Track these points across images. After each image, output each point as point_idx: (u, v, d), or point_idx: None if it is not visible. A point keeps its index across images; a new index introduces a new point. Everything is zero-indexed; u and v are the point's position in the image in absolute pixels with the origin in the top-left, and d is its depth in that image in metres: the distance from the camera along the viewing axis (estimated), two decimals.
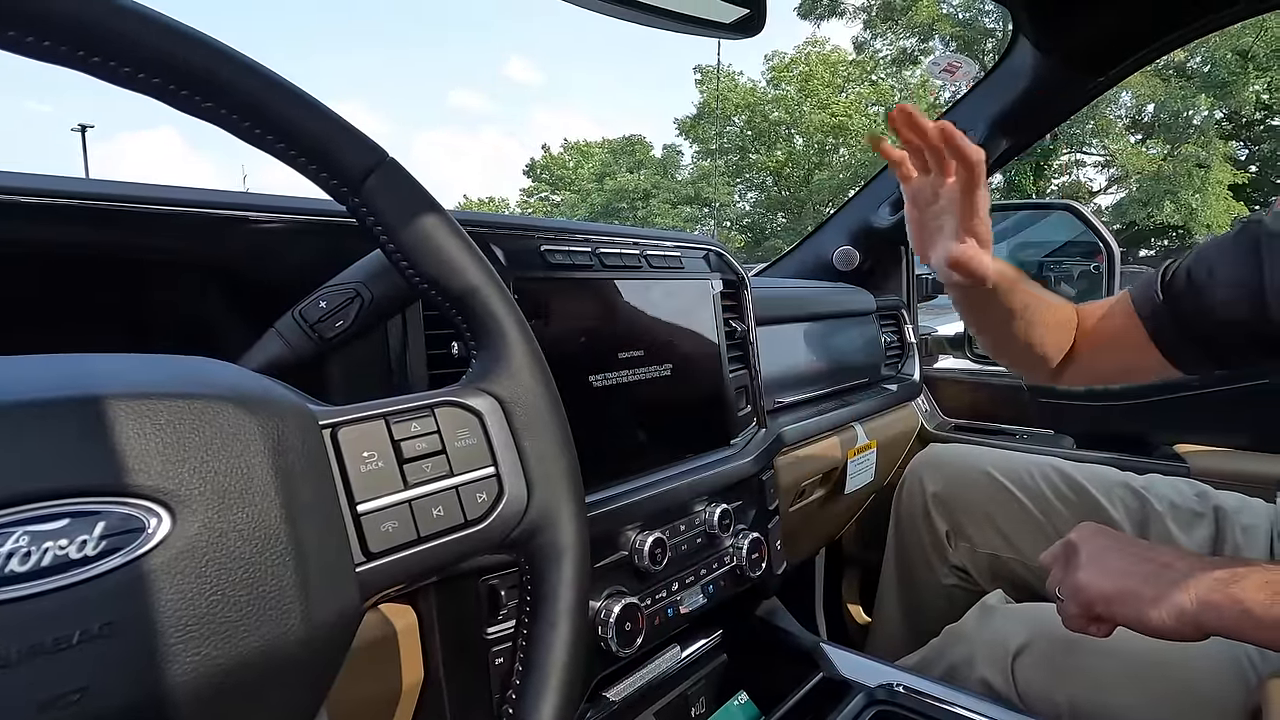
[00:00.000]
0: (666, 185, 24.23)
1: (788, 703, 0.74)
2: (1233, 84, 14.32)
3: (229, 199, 0.49)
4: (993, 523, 0.97)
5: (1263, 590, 0.48)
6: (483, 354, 0.37)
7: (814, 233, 1.49)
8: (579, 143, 28.76)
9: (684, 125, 23.15)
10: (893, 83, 20.16)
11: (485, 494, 0.34)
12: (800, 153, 21.09)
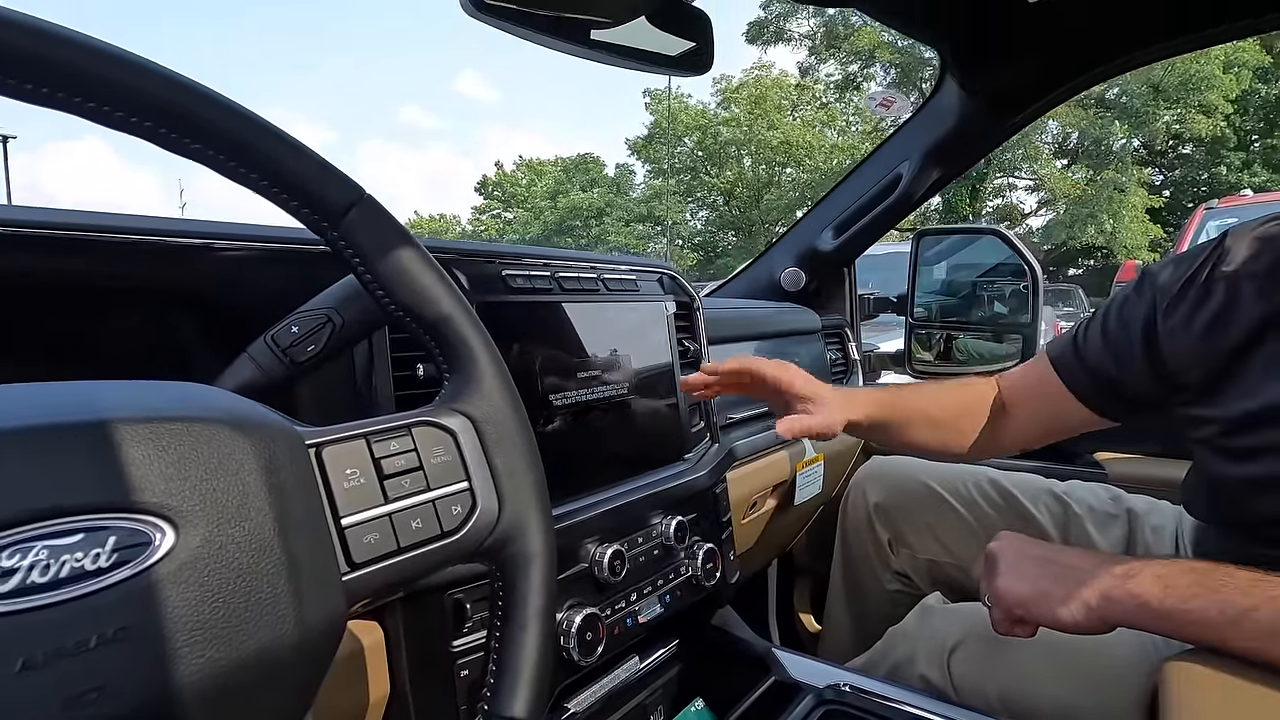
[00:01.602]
0: (620, 204, 24.44)
1: (741, 706, 0.78)
2: (1146, 114, 15.37)
3: (199, 228, 0.51)
4: (931, 530, 1.04)
5: (1155, 584, 0.54)
6: (455, 376, 0.40)
7: (763, 255, 1.56)
8: (532, 160, 28.78)
9: (636, 145, 23.45)
10: (840, 105, 20.90)
11: (460, 506, 0.37)
12: (750, 173, 21.59)
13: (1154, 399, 0.72)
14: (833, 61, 20.01)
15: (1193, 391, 0.68)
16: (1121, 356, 0.72)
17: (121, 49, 0.30)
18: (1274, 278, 0.62)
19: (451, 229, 31.09)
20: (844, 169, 1.41)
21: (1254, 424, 0.62)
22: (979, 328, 1.69)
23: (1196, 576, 0.53)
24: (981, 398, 0.84)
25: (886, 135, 1.36)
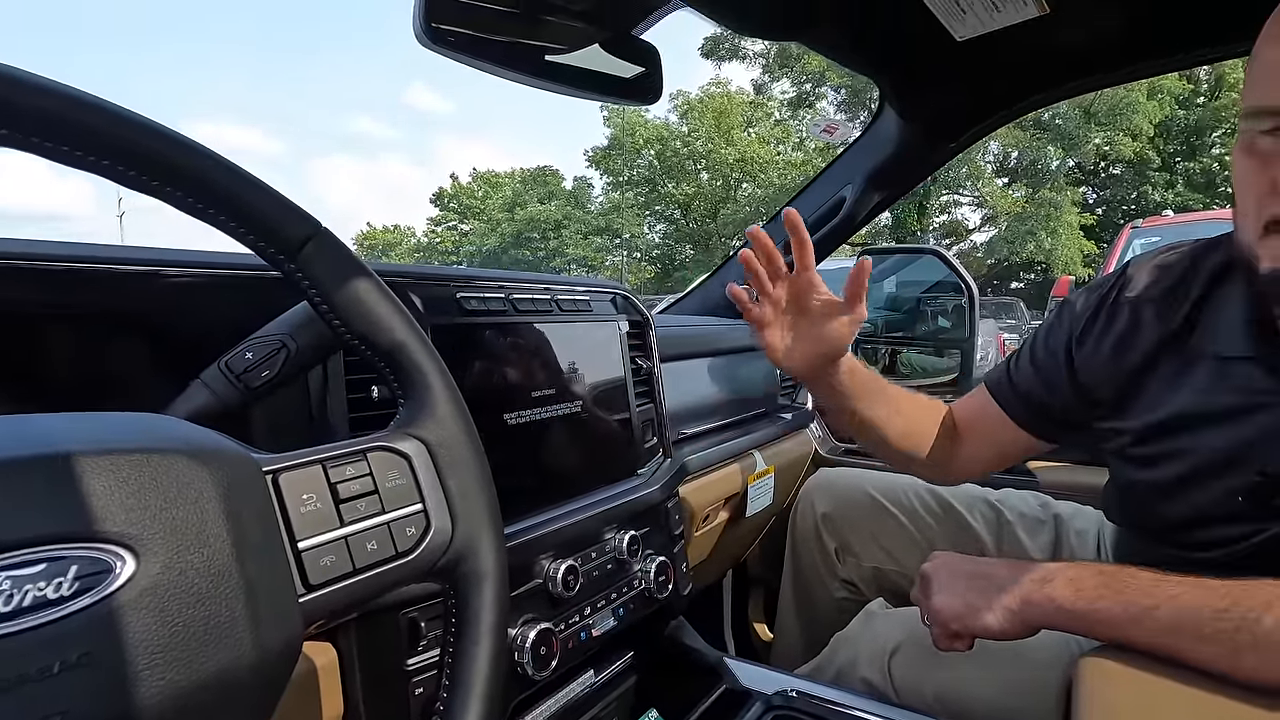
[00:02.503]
0: (578, 216, 24.48)
1: (692, 715, 0.80)
2: (1078, 137, 16.24)
3: (149, 255, 0.51)
4: (875, 539, 1.08)
5: (1068, 588, 0.58)
6: (409, 402, 0.41)
7: (716, 271, 1.60)
8: (488, 173, 28.63)
9: (595, 157, 23.56)
10: (794, 122, 21.42)
11: (414, 528, 0.38)
12: (707, 187, 21.91)
13: (1080, 418, 0.78)
14: (786, 80, 20.54)
15: (1105, 407, 0.74)
16: (1050, 381, 0.78)
17: (72, 87, 0.31)
18: (1168, 303, 0.68)
19: (406, 241, 30.64)
20: (798, 185, 1.48)
21: (1157, 434, 0.68)
22: (922, 342, 1.76)
23: (1104, 579, 0.58)
24: (938, 416, 0.89)
25: (833, 157, 1.42)
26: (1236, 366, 0.64)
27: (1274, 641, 0.48)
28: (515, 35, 0.69)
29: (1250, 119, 0.55)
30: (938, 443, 0.88)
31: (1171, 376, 0.68)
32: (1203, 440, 0.64)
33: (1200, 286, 0.68)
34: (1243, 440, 0.62)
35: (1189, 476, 0.66)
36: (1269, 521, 0.61)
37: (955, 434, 0.89)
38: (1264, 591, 0.51)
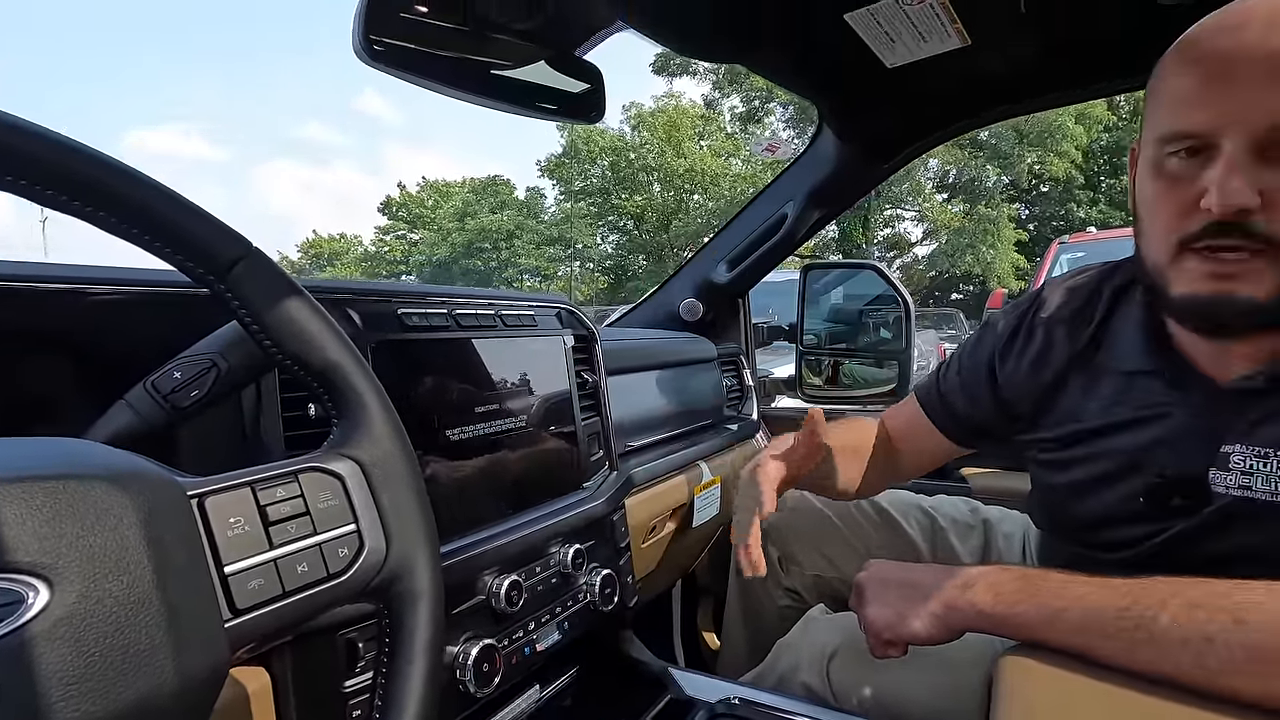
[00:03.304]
0: (530, 226, 24.34)
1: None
2: (1012, 156, 17.05)
3: (70, 272, 0.50)
4: (817, 547, 1.11)
5: (988, 592, 0.61)
6: (343, 421, 0.41)
7: (663, 286, 1.62)
8: (439, 181, 28.24)
9: (548, 166, 23.51)
10: (744, 136, 21.84)
11: (347, 548, 0.38)
12: (660, 198, 22.10)
13: (1001, 430, 0.83)
14: (736, 96, 20.95)
15: (1024, 420, 0.79)
16: (974, 395, 0.83)
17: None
18: (1077, 323, 0.73)
19: (353, 249, 29.92)
20: (748, 197, 1.52)
21: (1069, 442, 0.73)
22: (863, 354, 1.82)
23: (1020, 583, 0.61)
24: (870, 437, 0.93)
25: (775, 175, 1.46)
26: (1138, 380, 0.68)
27: (1168, 638, 0.52)
28: (457, 53, 0.69)
29: (1159, 144, 0.58)
30: (878, 460, 0.92)
31: (1081, 390, 0.73)
32: (1109, 447, 0.69)
33: (1104, 307, 0.73)
34: (1143, 446, 0.66)
35: (1097, 480, 0.70)
36: (1169, 521, 0.66)
37: (890, 445, 0.94)
38: (1160, 590, 0.55)
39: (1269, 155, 0.52)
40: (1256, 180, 0.52)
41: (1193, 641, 0.50)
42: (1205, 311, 0.58)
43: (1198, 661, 0.50)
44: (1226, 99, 0.53)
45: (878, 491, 0.97)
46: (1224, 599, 0.51)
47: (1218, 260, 0.55)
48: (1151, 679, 0.53)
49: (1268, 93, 0.51)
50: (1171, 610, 0.52)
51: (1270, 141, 0.52)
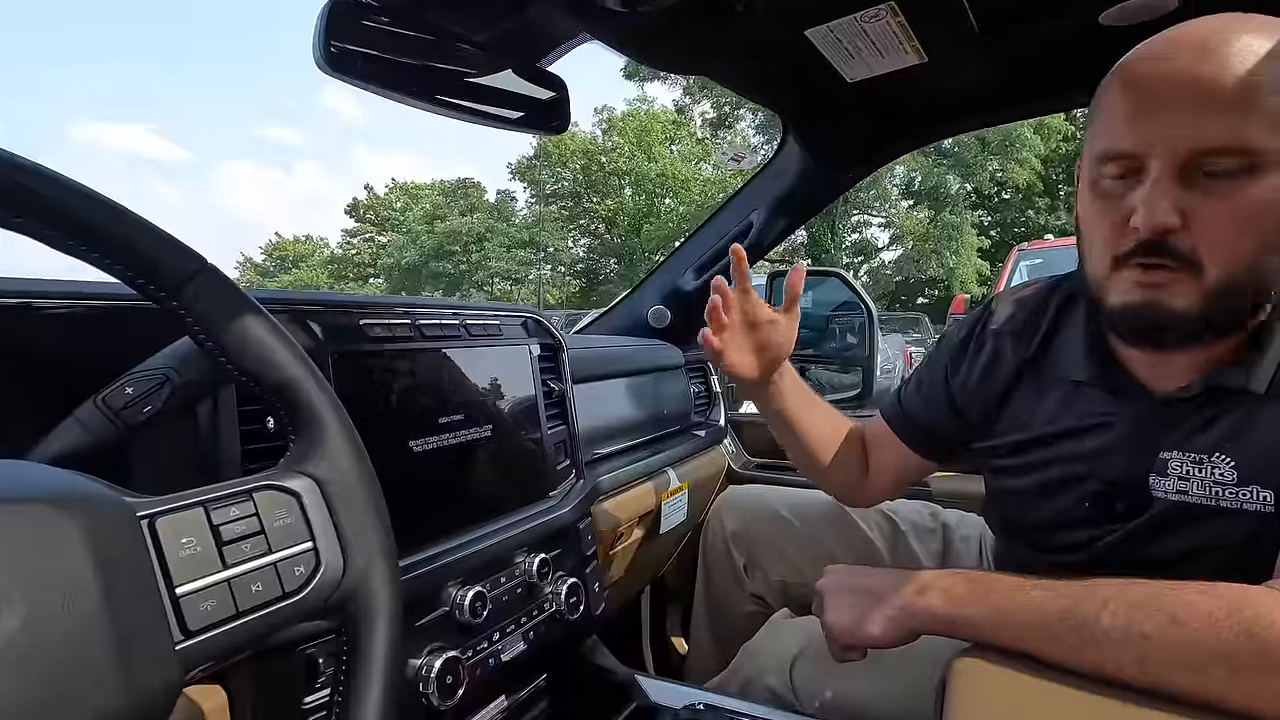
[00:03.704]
0: (501, 229, 24.17)
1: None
2: (975, 164, 17.48)
3: (13, 286, 0.49)
4: (781, 553, 1.13)
5: (941, 596, 0.63)
6: (300, 438, 0.41)
7: (632, 293, 1.63)
8: (408, 183, 27.89)
9: (520, 168, 23.39)
10: (715, 142, 22.01)
11: (303, 567, 0.38)
12: (631, 202, 22.14)
13: (961, 440, 0.86)
14: (706, 101, 21.11)
15: (977, 428, 0.81)
16: (934, 408, 0.86)
17: None
18: (1025, 334, 0.76)
19: (319, 252, 29.38)
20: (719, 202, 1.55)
21: (1020, 450, 0.76)
22: (828, 360, 1.85)
23: (972, 586, 0.63)
24: (853, 435, 0.96)
25: (744, 181, 1.48)
26: (1083, 389, 0.71)
27: (1110, 638, 0.54)
28: (419, 64, 0.69)
29: (1096, 163, 0.61)
30: (852, 464, 0.95)
31: (1029, 399, 0.76)
32: (1056, 454, 0.72)
33: (1051, 319, 0.76)
34: (1087, 454, 0.69)
35: (1046, 486, 0.73)
36: (1113, 525, 0.68)
37: (864, 459, 0.96)
38: (1103, 591, 0.57)
39: (1191, 178, 0.55)
40: (1179, 201, 0.55)
41: (1132, 641, 0.52)
42: (1136, 321, 0.61)
43: (1137, 660, 0.52)
44: (1154, 123, 0.56)
45: (844, 492, 0.99)
46: (1161, 599, 0.53)
47: (1147, 273, 0.58)
48: (1096, 678, 0.55)
49: (1190, 119, 0.54)
50: (1112, 611, 0.54)
51: (1193, 165, 0.55)
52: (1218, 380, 0.61)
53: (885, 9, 0.85)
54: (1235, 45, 0.53)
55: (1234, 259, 0.55)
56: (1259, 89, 0.52)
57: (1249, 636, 0.48)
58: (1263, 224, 0.54)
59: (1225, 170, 0.54)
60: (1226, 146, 0.53)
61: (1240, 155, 0.53)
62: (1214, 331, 0.59)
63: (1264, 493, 0.59)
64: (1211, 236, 0.55)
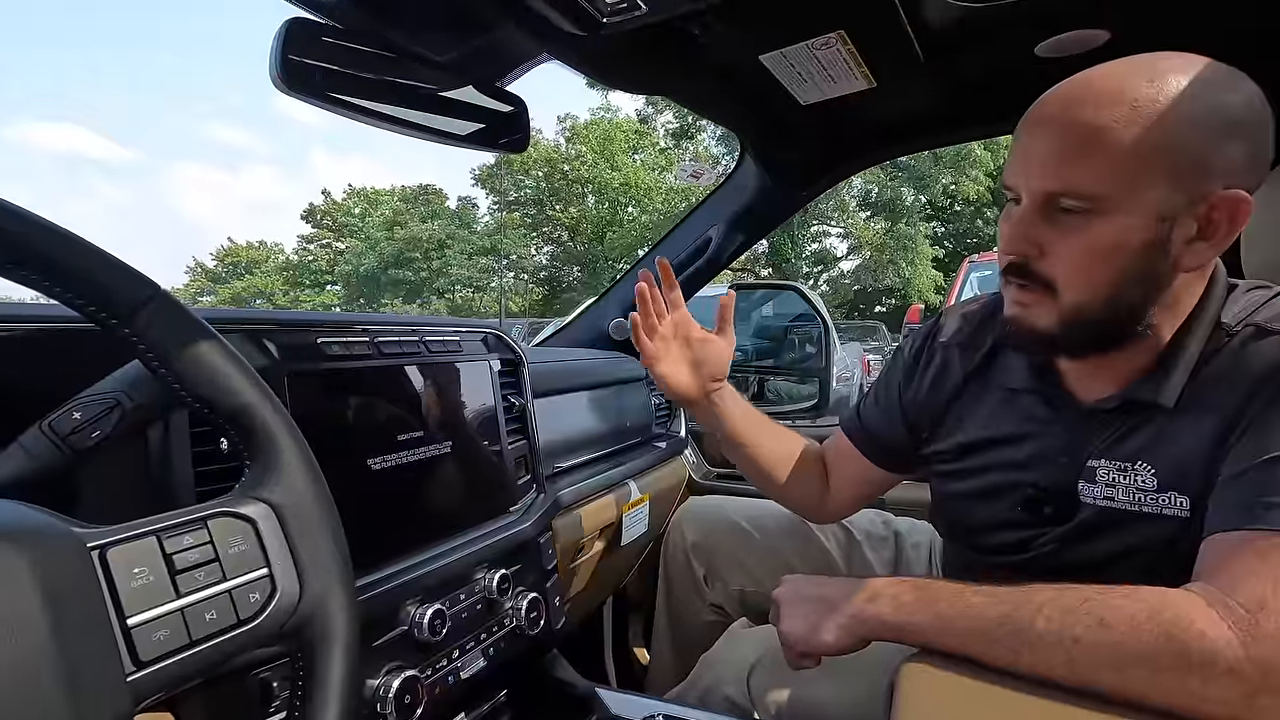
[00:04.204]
0: (463, 236, 23.92)
1: None
2: (928, 177, 18.02)
3: None
4: (740, 564, 1.15)
5: (890, 603, 0.65)
6: (256, 464, 0.41)
7: (593, 305, 1.64)
8: (367, 189, 27.40)
9: (482, 175, 23.20)
10: (678, 152, 22.20)
11: (258, 593, 0.38)
12: (594, 210, 22.16)
13: (915, 450, 0.89)
14: (669, 111, 21.29)
15: (926, 434, 0.84)
16: (891, 420, 0.89)
17: None
18: (970, 346, 0.80)
19: (274, 258, 28.62)
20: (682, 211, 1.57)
21: (962, 454, 0.79)
22: (787, 372, 1.89)
23: (919, 593, 0.66)
24: (812, 454, 0.99)
25: (701, 198, 1.51)
26: (1021, 398, 0.75)
27: (1044, 641, 0.57)
28: (377, 84, 0.69)
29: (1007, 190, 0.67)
30: (810, 479, 0.98)
31: (973, 406, 0.79)
32: (993, 460, 0.76)
33: (995, 331, 0.79)
34: (1022, 460, 0.73)
35: (985, 491, 0.77)
36: (1045, 528, 0.72)
37: (824, 475, 0.99)
38: (1038, 597, 0.60)
39: (1050, 214, 0.61)
40: (1037, 233, 0.61)
41: (1064, 643, 0.55)
42: (1008, 331, 0.68)
43: (1067, 661, 0.55)
44: (1023, 164, 0.62)
45: (806, 510, 1.01)
46: (1090, 603, 0.56)
47: (1018, 291, 0.66)
48: (1034, 680, 0.57)
49: (1043, 165, 0.60)
50: (1046, 615, 0.57)
51: (1050, 203, 0.61)
52: (1134, 393, 0.65)
53: (835, 37, 0.88)
54: (1105, 95, 0.58)
55: (1086, 287, 0.61)
56: (1109, 141, 0.57)
57: (1168, 638, 0.52)
58: (1113, 259, 0.60)
59: (1076, 208, 0.59)
60: (1074, 191, 0.59)
61: (1084, 199, 0.59)
62: (1074, 349, 0.66)
63: (1181, 499, 0.63)
64: (1065, 265, 0.61)
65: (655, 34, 0.84)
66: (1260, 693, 0.49)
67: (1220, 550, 0.56)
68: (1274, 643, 0.49)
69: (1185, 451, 0.63)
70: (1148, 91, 0.56)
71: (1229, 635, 0.50)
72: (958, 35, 0.93)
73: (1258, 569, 0.52)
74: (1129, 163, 0.56)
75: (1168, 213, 0.58)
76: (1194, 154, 0.57)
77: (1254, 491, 0.56)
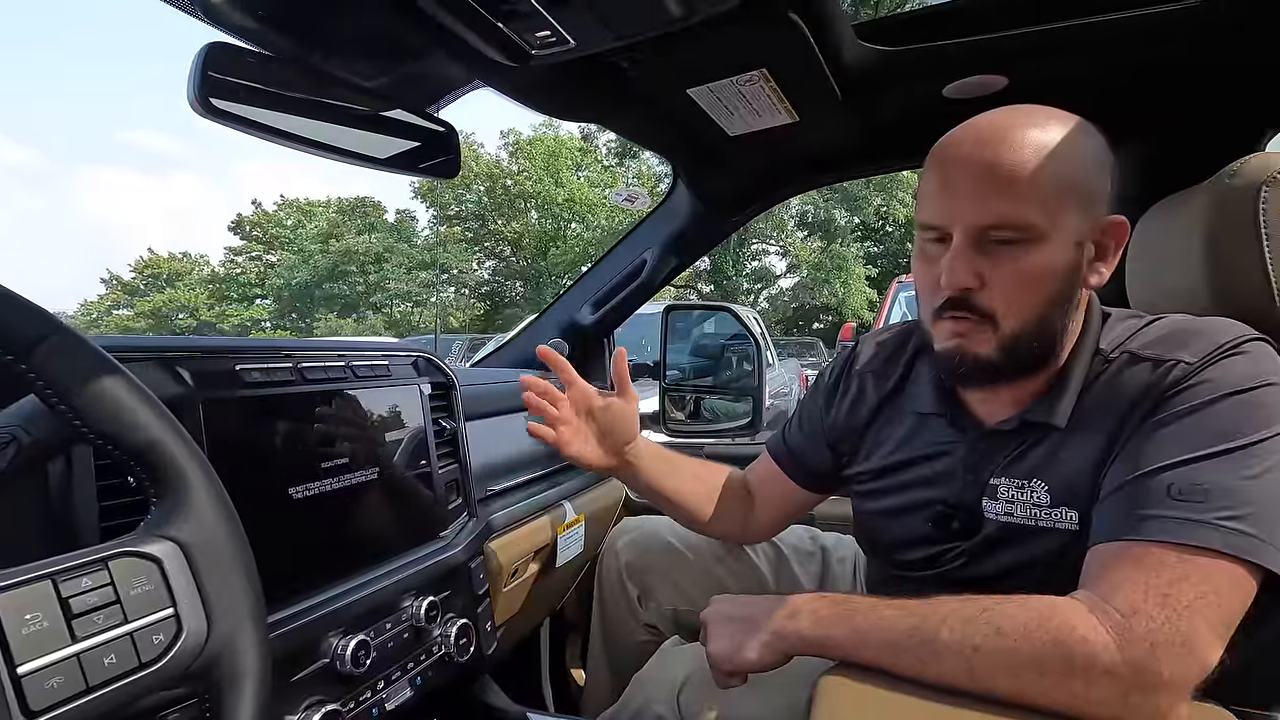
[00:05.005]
0: (401, 250, 23.39)
1: None
2: (861, 200, 18.76)
3: None
4: (673, 583, 1.16)
5: (809, 619, 0.68)
6: (163, 501, 0.40)
7: (530, 325, 1.65)
8: (300, 200, 26.49)
9: (422, 189, 22.78)
10: (621, 170, 22.38)
11: (163, 635, 0.37)
12: (537, 225, 22.06)
13: (837, 470, 0.93)
14: (611, 131, 21.44)
15: (847, 457, 0.89)
16: (814, 443, 0.94)
17: None
18: (885, 372, 0.85)
19: (197, 270, 27.28)
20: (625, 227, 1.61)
21: (878, 475, 0.84)
22: (722, 390, 1.93)
23: (836, 609, 0.68)
24: (734, 482, 1.03)
25: (635, 222, 1.54)
26: (930, 421, 0.80)
27: (948, 651, 0.60)
28: (304, 110, 0.69)
29: (920, 228, 0.72)
30: (734, 506, 1.01)
31: (888, 430, 0.84)
32: (906, 479, 0.80)
33: (908, 359, 0.85)
34: (931, 478, 0.78)
35: (899, 508, 0.81)
36: (953, 543, 0.76)
37: (749, 497, 1.02)
38: (943, 608, 0.63)
39: (984, 246, 0.65)
40: (976, 265, 0.65)
41: (965, 653, 0.59)
42: (948, 364, 0.71)
43: (968, 670, 0.58)
44: (952, 201, 0.66)
45: (732, 535, 1.06)
46: (989, 613, 0.60)
47: (956, 324, 0.69)
48: (941, 689, 0.61)
49: (975, 200, 0.64)
50: (950, 626, 0.61)
51: (984, 236, 0.65)
52: (1030, 415, 0.71)
53: (759, 75, 0.93)
54: (1016, 137, 0.64)
55: (1022, 312, 0.66)
56: (1032, 176, 0.63)
57: (1055, 644, 0.56)
58: (1043, 284, 0.65)
59: (1010, 239, 0.64)
60: (1008, 222, 0.64)
61: (1018, 229, 0.64)
62: (1012, 373, 0.70)
63: (1071, 513, 0.68)
64: (1003, 294, 0.66)
65: (585, 66, 0.87)
66: (1133, 691, 0.54)
67: (1102, 560, 0.61)
68: (1145, 645, 0.54)
69: (1074, 470, 0.68)
70: (1053, 134, 0.64)
71: (1107, 639, 0.54)
72: (873, 77, 0.99)
73: (1133, 576, 0.57)
74: (1051, 194, 0.63)
75: (1080, 237, 0.65)
76: (1090, 185, 0.65)
77: (1129, 505, 0.61)
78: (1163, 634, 0.54)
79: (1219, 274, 0.76)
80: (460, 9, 0.65)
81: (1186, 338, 0.65)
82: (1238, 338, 0.63)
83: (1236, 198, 0.74)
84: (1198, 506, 0.57)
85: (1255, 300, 0.74)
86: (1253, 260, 0.73)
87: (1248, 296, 0.74)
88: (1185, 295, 0.80)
